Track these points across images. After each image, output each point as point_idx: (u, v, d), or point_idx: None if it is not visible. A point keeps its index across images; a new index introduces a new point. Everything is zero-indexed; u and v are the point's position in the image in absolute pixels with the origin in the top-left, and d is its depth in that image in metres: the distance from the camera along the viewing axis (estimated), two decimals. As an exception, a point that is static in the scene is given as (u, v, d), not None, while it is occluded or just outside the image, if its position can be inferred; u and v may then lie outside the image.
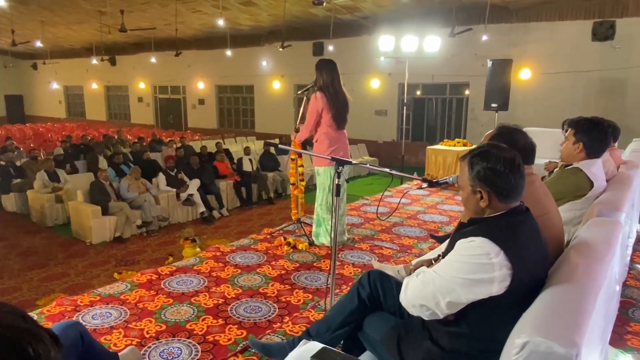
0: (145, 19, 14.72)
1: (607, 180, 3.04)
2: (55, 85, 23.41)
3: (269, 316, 3.00)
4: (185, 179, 8.61)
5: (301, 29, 14.48)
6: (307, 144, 4.60)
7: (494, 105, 8.42)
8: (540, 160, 6.05)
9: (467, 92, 12.27)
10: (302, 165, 4.66)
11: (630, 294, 3.42)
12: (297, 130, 4.36)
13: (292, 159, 4.60)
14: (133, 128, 18.55)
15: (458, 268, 1.50)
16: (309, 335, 2.05)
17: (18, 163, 9.39)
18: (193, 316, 2.98)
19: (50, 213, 7.92)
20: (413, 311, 1.64)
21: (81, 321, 2.88)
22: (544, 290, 1.45)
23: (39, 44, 16.81)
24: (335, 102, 4.13)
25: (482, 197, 1.57)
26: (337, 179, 2.24)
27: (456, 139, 9.11)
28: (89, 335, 1.91)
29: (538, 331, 1.20)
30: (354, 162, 2.39)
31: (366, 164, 2.73)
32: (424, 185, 2.38)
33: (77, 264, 6.21)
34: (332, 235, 2.31)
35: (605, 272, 1.56)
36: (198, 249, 5.50)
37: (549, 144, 4.72)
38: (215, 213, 8.56)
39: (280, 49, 13.06)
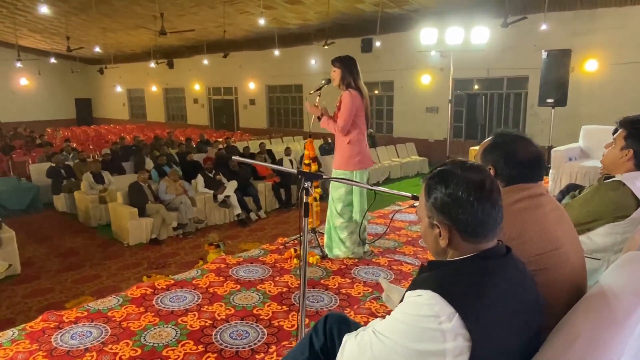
0: (196, 22, 14.98)
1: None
2: (119, 89, 24.61)
3: (255, 344, 2.69)
4: (223, 180, 8.54)
5: (348, 25, 14.11)
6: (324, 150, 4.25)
7: (549, 100, 7.57)
8: (598, 163, 5.31)
9: (528, 85, 11.33)
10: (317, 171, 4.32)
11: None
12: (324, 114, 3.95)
13: (306, 164, 4.27)
14: (187, 129, 19.03)
15: (400, 331, 1.10)
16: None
17: (70, 164, 9.78)
18: (173, 340, 2.73)
19: (94, 214, 8.14)
20: None
21: (59, 341, 2.74)
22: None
23: (97, 49, 17.60)
24: (367, 103, 3.90)
25: (440, 234, 1.17)
26: (304, 196, 1.88)
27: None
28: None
29: None
30: (324, 177, 2.03)
31: (340, 179, 2.34)
32: (416, 204, 1.96)
33: (110, 265, 6.28)
34: (302, 264, 1.95)
35: (620, 346, 1.10)
36: (223, 254, 5.36)
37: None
38: (253, 215, 8.42)
39: (325, 47, 12.76)
